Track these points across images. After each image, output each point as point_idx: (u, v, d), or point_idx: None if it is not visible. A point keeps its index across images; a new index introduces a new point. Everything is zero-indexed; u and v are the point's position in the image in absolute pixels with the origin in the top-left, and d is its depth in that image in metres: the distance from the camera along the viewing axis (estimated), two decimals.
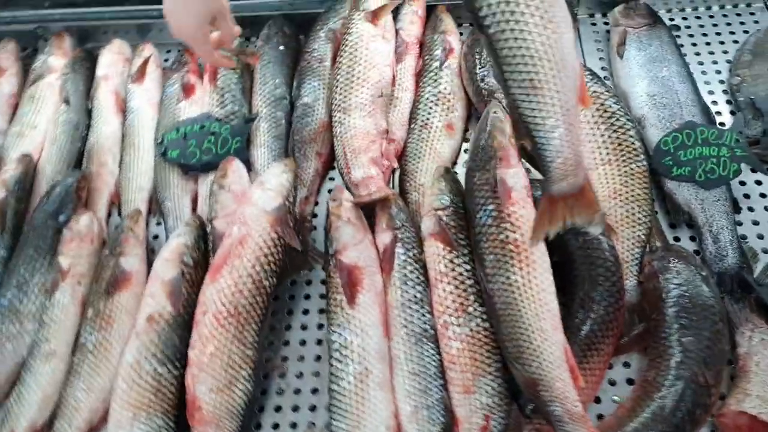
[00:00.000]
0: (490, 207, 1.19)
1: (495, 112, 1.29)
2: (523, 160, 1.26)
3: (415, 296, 1.21)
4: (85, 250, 1.35)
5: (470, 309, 1.18)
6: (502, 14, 0.76)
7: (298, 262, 1.32)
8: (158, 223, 1.49)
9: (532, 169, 1.30)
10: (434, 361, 1.15)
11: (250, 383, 1.15)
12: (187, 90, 1.63)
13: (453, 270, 1.21)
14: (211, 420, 1.08)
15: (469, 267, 1.21)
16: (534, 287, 1.11)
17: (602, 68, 1.67)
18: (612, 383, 1.18)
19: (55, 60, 1.75)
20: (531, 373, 1.01)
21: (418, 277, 1.24)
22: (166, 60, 1.82)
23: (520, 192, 1.21)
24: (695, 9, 1.78)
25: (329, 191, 1.51)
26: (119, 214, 1.52)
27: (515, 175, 1.22)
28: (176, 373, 1.18)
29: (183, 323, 1.21)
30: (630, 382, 1.18)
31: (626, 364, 1.21)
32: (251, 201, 1.24)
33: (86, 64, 1.75)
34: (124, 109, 1.66)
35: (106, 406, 1.21)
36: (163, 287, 1.22)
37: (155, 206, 1.51)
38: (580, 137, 0.85)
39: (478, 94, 1.51)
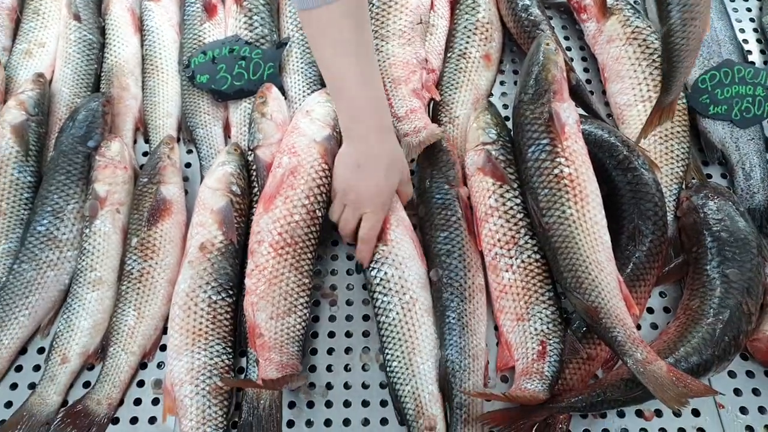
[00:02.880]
0: (544, 141, 1.20)
1: (547, 44, 1.27)
2: None
3: None
4: (119, 177, 1.30)
5: (521, 242, 1.20)
6: None
7: None
8: (189, 151, 1.44)
9: None
10: None
11: (307, 310, 1.16)
12: (210, 10, 1.54)
13: (504, 204, 1.23)
14: (272, 346, 1.09)
15: (519, 201, 1.23)
16: (589, 220, 1.14)
17: (635, 2, 1.65)
18: (650, 311, 1.25)
19: None
20: (591, 302, 1.06)
21: None
22: None
23: (573, 126, 1.22)
24: None
25: None
26: (146, 140, 1.46)
27: (568, 109, 1.23)
28: (230, 300, 1.18)
29: (234, 252, 1.21)
30: (666, 310, 1.25)
31: (662, 294, 1.27)
32: (300, 131, 1.21)
33: None
34: (141, 29, 1.56)
35: (158, 333, 1.21)
36: (213, 216, 1.20)
37: (185, 133, 1.45)
38: None
39: (519, 25, 1.48)
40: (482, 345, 1.18)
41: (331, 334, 1.23)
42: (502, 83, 1.54)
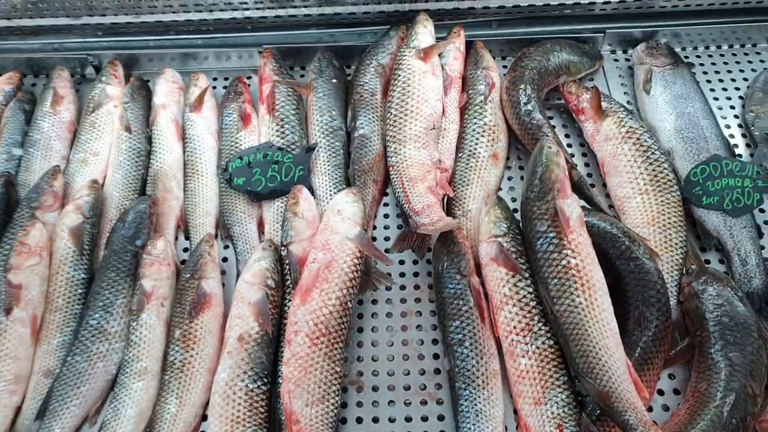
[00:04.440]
0: (551, 235, 1.32)
1: (549, 147, 1.42)
2: None
3: None
4: (164, 272, 1.43)
5: (535, 328, 1.30)
6: None
7: (364, 284, 1.42)
8: (226, 246, 1.58)
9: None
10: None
11: (338, 396, 1.24)
12: (245, 119, 1.72)
13: (517, 293, 1.33)
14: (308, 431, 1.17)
15: (531, 289, 1.33)
16: (597, 308, 1.23)
17: (627, 102, 1.82)
18: (660, 393, 1.32)
19: (113, 89, 1.83)
20: (603, 386, 1.14)
21: None
22: (213, 87, 1.91)
23: (577, 220, 1.34)
24: (707, 48, 1.96)
25: (384, 216, 1.63)
26: (186, 237, 1.60)
27: (572, 204, 1.35)
28: (265, 388, 1.27)
29: (269, 341, 1.31)
30: (676, 392, 1.32)
31: (671, 376, 1.34)
32: (333, 228, 1.34)
33: (142, 92, 1.84)
34: (183, 137, 1.74)
35: (197, 420, 1.30)
36: (250, 309, 1.31)
37: (222, 231, 1.59)
38: None
39: (523, 128, 1.64)
40: (499, 429, 1.24)
41: (359, 420, 1.30)
42: (509, 179, 1.69)
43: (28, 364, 1.36)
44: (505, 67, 1.89)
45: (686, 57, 1.91)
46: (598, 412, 1.22)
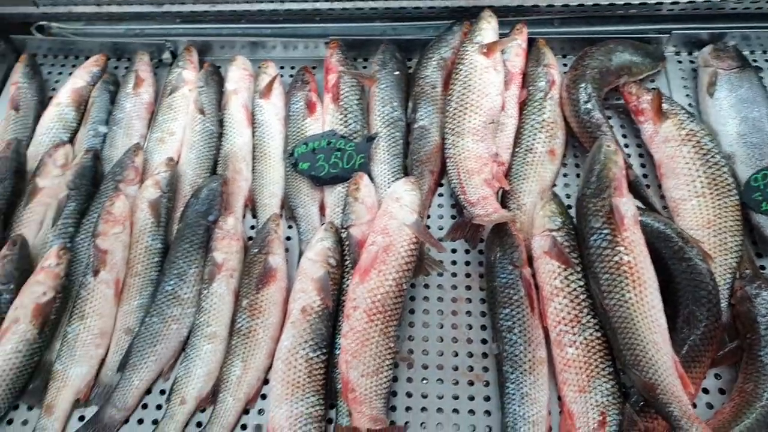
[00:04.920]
0: (605, 231, 1.35)
1: (608, 146, 1.45)
2: None
3: None
4: (234, 247, 1.54)
5: (584, 320, 1.34)
6: None
7: (417, 269, 1.49)
8: (289, 227, 1.68)
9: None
10: None
11: (391, 370, 1.32)
12: (310, 107, 1.81)
13: (568, 285, 1.37)
14: (363, 400, 1.26)
15: (582, 283, 1.38)
16: (646, 304, 1.27)
17: (689, 104, 1.81)
18: (705, 391, 1.34)
19: (188, 73, 1.95)
20: (648, 379, 1.17)
21: None
22: (280, 75, 2.00)
23: (631, 219, 1.37)
24: None
25: (439, 206, 1.69)
26: (253, 216, 1.71)
27: (627, 203, 1.38)
28: (324, 357, 1.36)
29: (329, 315, 1.40)
30: (722, 391, 1.34)
31: (717, 376, 1.36)
32: (391, 214, 1.42)
33: (215, 77, 1.95)
34: (253, 122, 1.85)
35: (260, 383, 1.40)
36: (312, 284, 1.41)
37: (286, 211, 1.69)
38: None
39: (582, 126, 1.67)
40: (543, 413, 1.29)
41: (409, 394, 1.38)
42: (564, 175, 1.72)
43: (111, 321, 1.50)
44: (565, 65, 1.91)
45: (755, 61, 1.88)
46: (642, 403, 1.26)
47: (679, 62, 1.93)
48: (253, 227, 1.69)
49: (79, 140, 1.86)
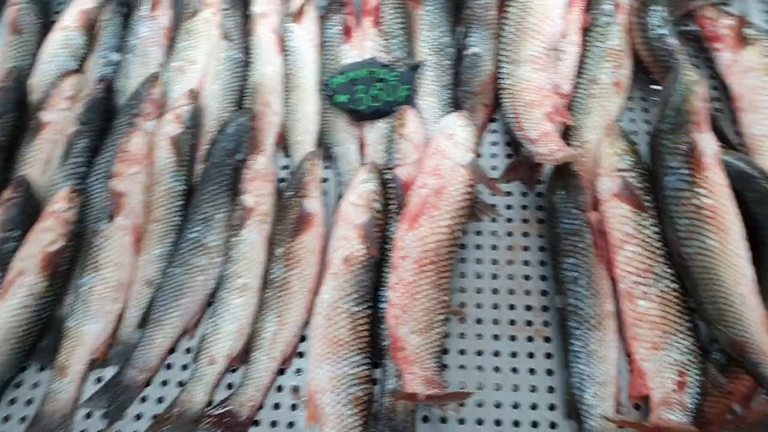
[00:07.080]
0: (683, 171, 1.20)
1: (688, 73, 1.27)
2: None
3: None
4: (266, 189, 1.40)
5: (658, 270, 1.21)
6: None
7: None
8: (326, 167, 1.53)
9: None
10: None
11: (444, 326, 1.21)
12: (348, 32, 1.62)
13: (641, 232, 1.23)
14: (414, 360, 1.15)
15: (657, 229, 1.23)
16: (731, 252, 1.14)
17: None
18: None
19: None
20: (736, 335, 1.06)
21: None
22: None
23: (713, 157, 1.21)
24: None
25: (492, 143, 1.53)
26: (286, 155, 1.56)
27: (709, 139, 1.23)
28: (369, 312, 1.24)
29: (373, 265, 1.27)
30: None
31: None
32: (444, 153, 1.26)
33: None
34: (283, 48, 1.66)
35: (296, 340, 1.29)
36: (356, 231, 1.27)
37: (322, 149, 1.53)
38: None
39: (653, 54, 1.48)
40: (612, 372, 1.19)
41: (462, 352, 1.27)
42: (630, 109, 1.54)
43: (129, 273, 1.37)
44: None
45: None
46: (723, 362, 1.14)
47: None
48: (285, 167, 1.54)
49: (89, 69, 1.68)
